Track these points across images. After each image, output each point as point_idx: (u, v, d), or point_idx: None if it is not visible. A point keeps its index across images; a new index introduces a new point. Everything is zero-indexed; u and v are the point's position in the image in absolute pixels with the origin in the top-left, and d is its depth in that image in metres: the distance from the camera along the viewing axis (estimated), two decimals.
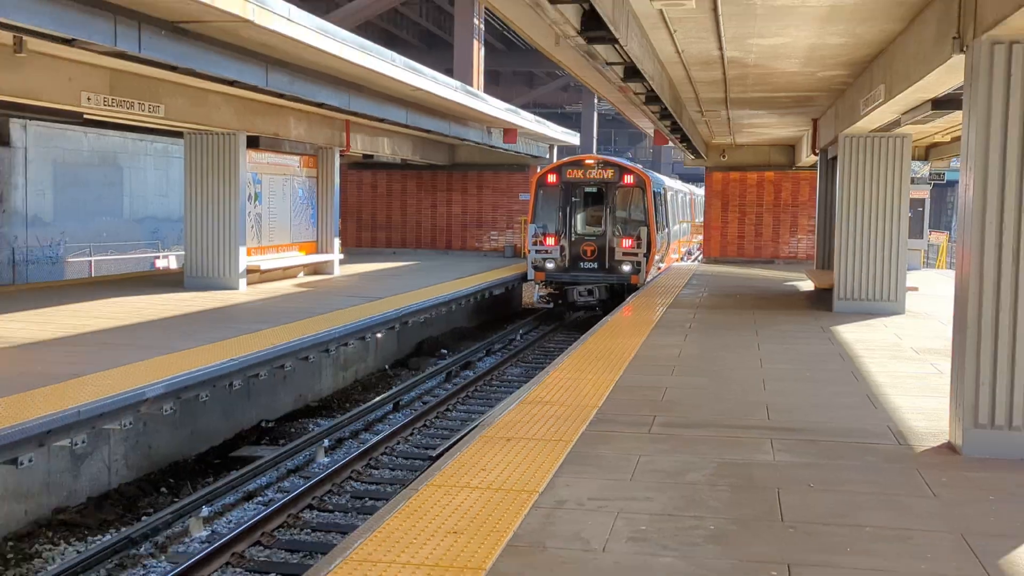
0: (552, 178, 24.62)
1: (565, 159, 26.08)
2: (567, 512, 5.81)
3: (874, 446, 7.56)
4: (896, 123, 14.46)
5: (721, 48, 12.37)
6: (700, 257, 35.87)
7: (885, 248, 16.11)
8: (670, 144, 26.33)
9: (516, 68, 59.65)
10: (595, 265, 23.78)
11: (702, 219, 34.83)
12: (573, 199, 24.52)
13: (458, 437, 11.27)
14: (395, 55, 18.71)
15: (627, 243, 23.25)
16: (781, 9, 9.99)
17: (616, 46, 10.12)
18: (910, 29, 10.60)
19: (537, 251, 23.79)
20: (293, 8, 14.16)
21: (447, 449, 10.13)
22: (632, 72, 11.98)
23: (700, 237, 37.42)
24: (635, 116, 22.47)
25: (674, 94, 16.72)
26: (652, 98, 14.55)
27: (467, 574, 4.79)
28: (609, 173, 24.25)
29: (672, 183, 33.42)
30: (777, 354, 12.11)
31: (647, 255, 23.32)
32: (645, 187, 24.11)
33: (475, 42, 35.53)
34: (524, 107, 33.81)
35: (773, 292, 21.20)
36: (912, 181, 19.46)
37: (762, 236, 30.08)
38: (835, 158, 17.61)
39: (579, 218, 24.62)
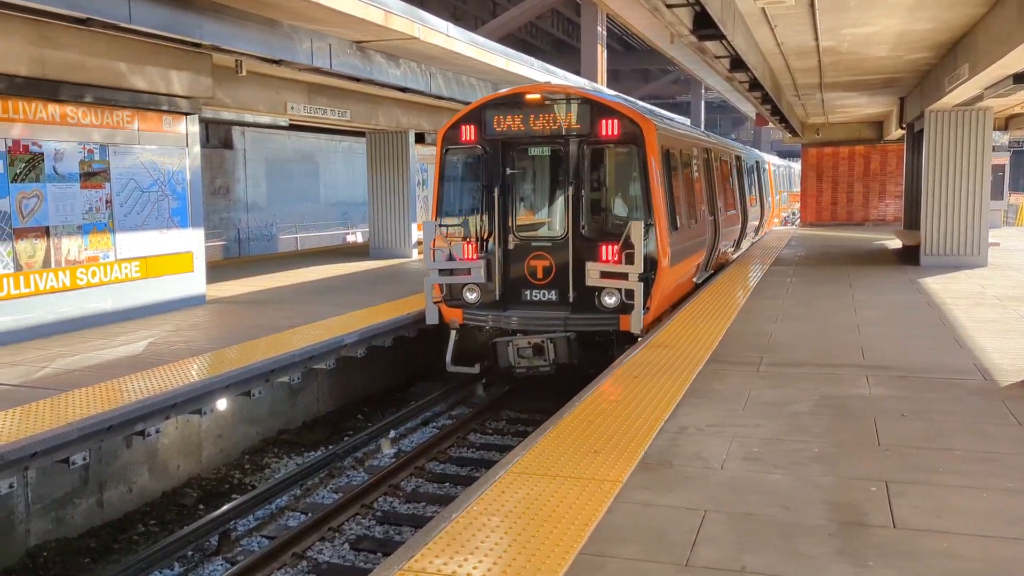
0: (468, 132, 10.80)
1: (492, 94, 11.41)
2: (689, 436, 5.74)
3: (961, 381, 7.15)
4: (979, 97, 13.50)
5: (817, 39, 11.81)
6: (798, 222, 34.07)
7: (969, 208, 15.13)
8: (770, 125, 25.24)
9: (633, 66, 58.53)
10: (551, 294, 10.58)
11: (798, 189, 32.89)
12: (508, 171, 10.75)
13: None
14: (533, 60, 18.75)
15: (607, 254, 10.01)
16: (872, 1, 9.43)
17: (724, 42, 9.83)
18: (992, 12, 9.84)
19: (443, 269, 10.74)
20: (451, 26, 14.32)
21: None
22: (737, 64, 11.59)
23: (797, 205, 35.58)
24: (739, 102, 21.73)
25: (774, 81, 16.06)
26: (755, 85, 14.06)
27: (607, 485, 4.80)
28: (571, 119, 10.33)
29: (771, 158, 32.02)
30: (869, 303, 11.55)
31: (652, 274, 10.22)
32: (644, 141, 10.22)
33: (599, 46, 34.96)
34: (641, 99, 33.10)
35: (864, 251, 20.19)
36: (993, 148, 18.16)
37: (853, 203, 28.66)
38: (921, 131, 16.58)
39: (519, 206, 10.98)
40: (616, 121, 10.10)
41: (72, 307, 10.51)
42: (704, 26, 8.78)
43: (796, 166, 40.37)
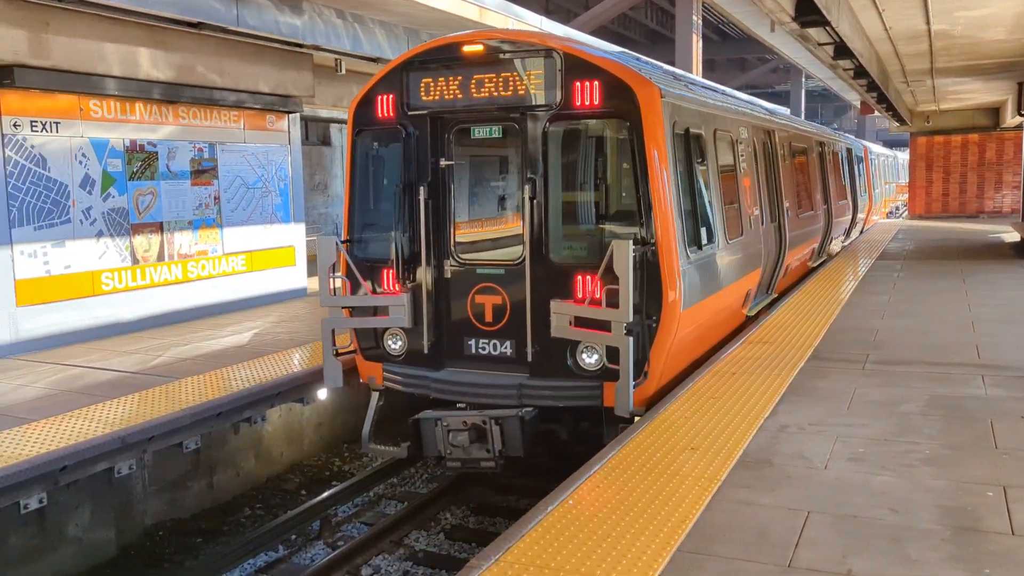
0: (385, 105, 7.48)
1: (417, 47, 7.67)
2: (790, 435, 5.60)
3: None
4: None
5: (928, 22, 11.27)
6: (904, 214, 32.61)
7: None
8: (875, 114, 24.26)
9: (729, 56, 57.08)
10: (505, 347, 7.26)
11: (905, 180, 31.36)
12: (442, 163, 7.40)
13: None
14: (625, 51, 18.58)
15: (584, 288, 6.72)
16: None
17: (827, 28, 9.51)
18: None
19: (357, 307, 7.62)
20: (544, 19, 14.33)
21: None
22: (842, 50, 11.20)
23: (904, 197, 34.01)
24: (842, 90, 20.99)
25: (881, 68, 15.43)
26: (860, 73, 13.56)
27: (704, 483, 4.74)
28: (530, 81, 6.94)
29: (876, 147, 30.71)
30: (985, 299, 10.98)
31: (653, 320, 6.73)
32: (640, 114, 6.69)
33: (694, 36, 34.29)
34: (738, 88, 32.29)
35: (979, 244, 19.19)
36: None
37: (966, 193, 27.27)
38: None
39: (458, 216, 7.65)
40: (597, 84, 6.65)
41: (183, 299, 11.06)
42: (807, 12, 8.52)
43: (902, 156, 38.68)
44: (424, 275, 7.30)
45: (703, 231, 7.72)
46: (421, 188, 7.22)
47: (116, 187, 10.16)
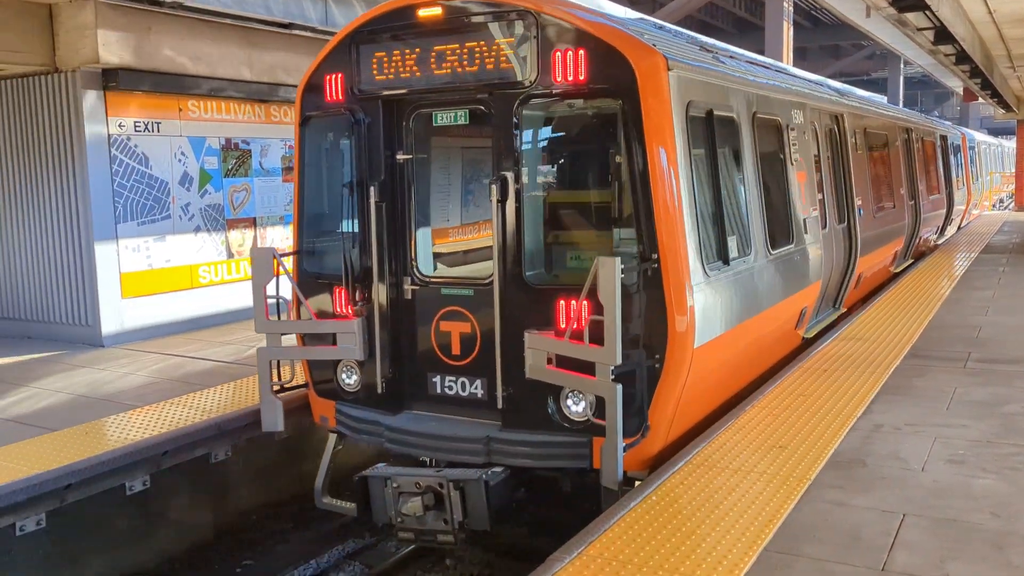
0: (334, 86, 6.06)
1: (368, 12, 6.04)
2: (884, 435, 5.41)
3: None
4: None
5: None
6: (1012, 206, 30.96)
7: None
8: (979, 100, 23.11)
9: (822, 43, 55.37)
10: (475, 387, 5.83)
11: (1012, 170, 29.70)
12: (399, 157, 6.00)
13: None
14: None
15: (566, 317, 5.22)
16: None
17: (927, 12, 9.11)
18: None
19: (313, 333, 6.30)
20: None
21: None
22: (943, 35, 10.72)
23: (1011, 187, 32.29)
24: (943, 76, 20.04)
25: (984, 52, 14.70)
26: (962, 58, 12.95)
27: (792, 483, 4.63)
28: (500, 52, 5.49)
29: (979, 135, 29.24)
30: None
31: (656, 360, 5.23)
32: (638, 92, 5.18)
33: (785, 23, 33.36)
34: (831, 76, 31.25)
35: None
36: None
37: None
38: None
39: (418, 223, 6.20)
40: (582, 54, 5.25)
41: None
42: None
43: (1008, 144, 36.79)
44: (378, 295, 5.94)
45: (732, 241, 6.16)
46: (372, 188, 5.84)
47: (212, 184, 10.58)
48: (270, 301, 6.01)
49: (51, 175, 9.60)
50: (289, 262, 6.38)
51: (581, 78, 5.26)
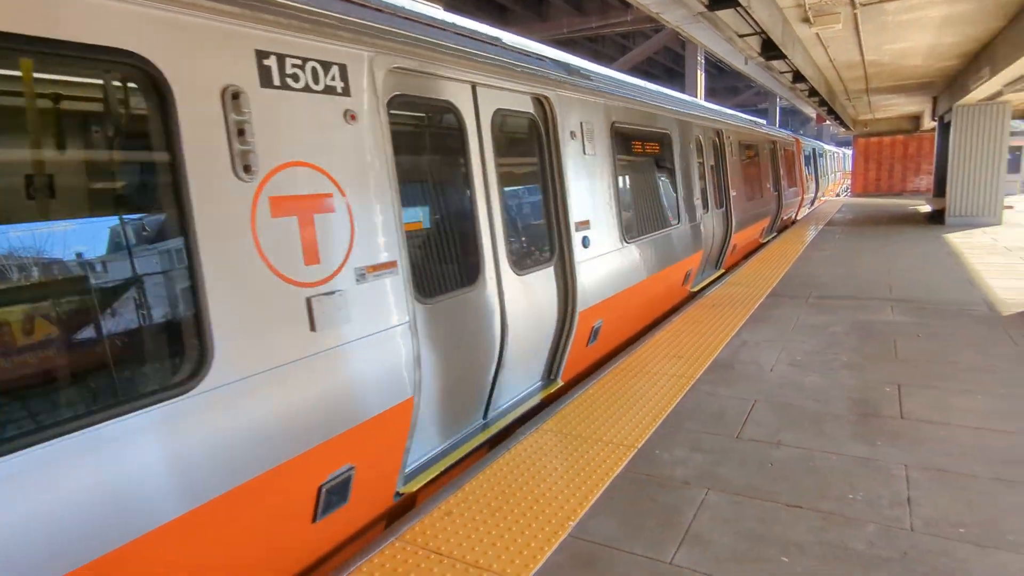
0: None
1: None
2: (748, 347, 5.39)
3: (969, 311, 6.19)
4: (999, 93, 11.34)
5: (862, 54, 10.31)
6: (848, 193, 30.42)
7: (988, 179, 12.92)
8: (827, 122, 22.57)
9: (725, 84, 53.94)
10: None
11: (849, 169, 29.05)
12: None
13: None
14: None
15: None
16: (906, 23, 8.11)
17: (786, 60, 8.81)
18: (1010, 25, 8.15)
19: None
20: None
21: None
22: (798, 76, 10.41)
23: (848, 182, 31.65)
24: (802, 105, 19.45)
25: (828, 88, 14.28)
26: (813, 92, 12.60)
27: (683, 381, 4.62)
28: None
29: (830, 147, 28.59)
30: (900, 253, 10.19)
31: None
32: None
33: (699, 72, 32.48)
34: (732, 108, 30.42)
35: (900, 214, 17.76)
36: (1013, 133, 15.32)
37: (893, 177, 25.22)
38: (949, 122, 14.21)
39: None
40: None
41: None
42: (770, 49, 7.90)
43: (848, 151, 36.01)
44: None
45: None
46: None
47: None
48: None
49: None
50: None
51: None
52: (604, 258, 4.84)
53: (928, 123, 20.79)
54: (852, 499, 2.95)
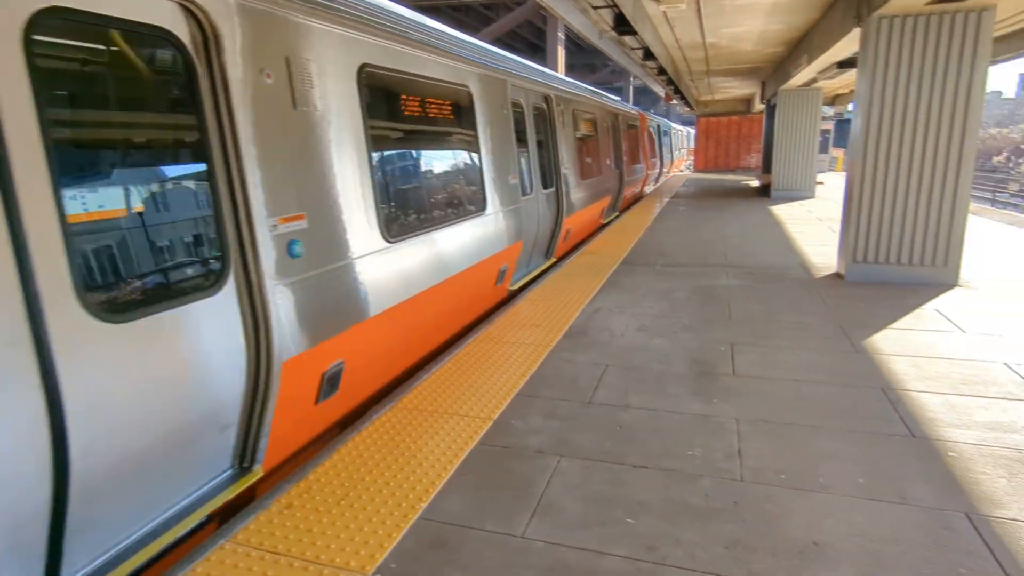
0: None
1: None
2: (601, 314, 5.55)
3: (788, 274, 6.94)
4: (813, 80, 12.85)
5: (703, 36, 11.02)
6: (692, 168, 33.15)
7: (803, 158, 14.70)
8: (674, 102, 24.23)
9: (584, 62, 55.82)
10: None
11: (693, 146, 31.67)
12: None
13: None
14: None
15: None
16: (741, 8, 8.73)
17: (637, 37, 9.11)
18: (825, 15, 9.14)
19: None
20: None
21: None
22: (648, 54, 10.87)
23: (692, 158, 34.53)
24: (653, 84, 20.61)
25: (675, 68, 15.22)
26: (661, 71, 13.30)
27: (541, 348, 4.62)
28: None
29: (676, 125, 30.83)
30: (733, 223, 11.24)
31: None
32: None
33: (559, 47, 33.14)
34: (591, 85, 31.47)
35: (734, 188, 19.70)
36: (823, 118, 17.56)
37: (729, 155, 27.93)
38: (775, 105, 15.90)
39: None
40: None
41: None
42: (622, 24, 8.11)
43: (692, 130, 39.24)
44: None
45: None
46: None
47: None
48: None
49: None
50: None
51: None
52: (345, 268, 3.24)
53: (758, 106, 23.14)
54: (691, 455, 3.10)
